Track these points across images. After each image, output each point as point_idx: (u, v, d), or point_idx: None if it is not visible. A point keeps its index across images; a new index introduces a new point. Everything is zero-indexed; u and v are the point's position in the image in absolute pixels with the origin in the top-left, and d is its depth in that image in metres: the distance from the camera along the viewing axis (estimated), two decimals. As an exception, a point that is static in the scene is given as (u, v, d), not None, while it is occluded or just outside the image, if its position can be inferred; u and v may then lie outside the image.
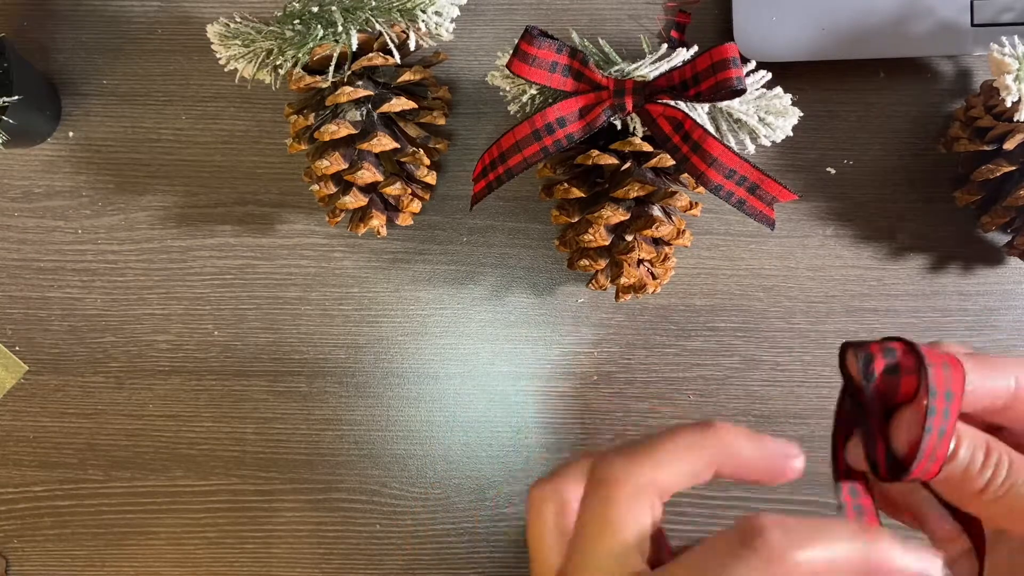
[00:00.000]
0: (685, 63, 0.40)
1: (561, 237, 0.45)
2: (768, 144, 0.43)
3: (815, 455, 0.27)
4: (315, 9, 0.41)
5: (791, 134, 0.42)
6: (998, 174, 0.43)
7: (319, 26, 0.41)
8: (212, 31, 0.43)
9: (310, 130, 0.43)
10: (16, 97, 0.45)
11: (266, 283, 0.50)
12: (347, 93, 0.41)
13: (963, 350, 0.25)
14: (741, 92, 0.38)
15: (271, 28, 0.42)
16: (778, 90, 0.42)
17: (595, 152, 0.42)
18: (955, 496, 0.25)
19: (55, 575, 0.51)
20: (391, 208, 0.46)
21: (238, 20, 0.43)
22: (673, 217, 0.44)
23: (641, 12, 0.49)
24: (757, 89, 0.42)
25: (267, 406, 0.50)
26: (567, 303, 0.50)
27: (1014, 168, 0.42)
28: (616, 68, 0.42)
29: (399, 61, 0.42)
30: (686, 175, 0.44)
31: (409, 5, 0.40)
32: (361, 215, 0.45)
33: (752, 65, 0.42)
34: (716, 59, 0.38)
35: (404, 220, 0.46)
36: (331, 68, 0.41)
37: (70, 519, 0.51)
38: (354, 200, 0.44)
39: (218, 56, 0.43)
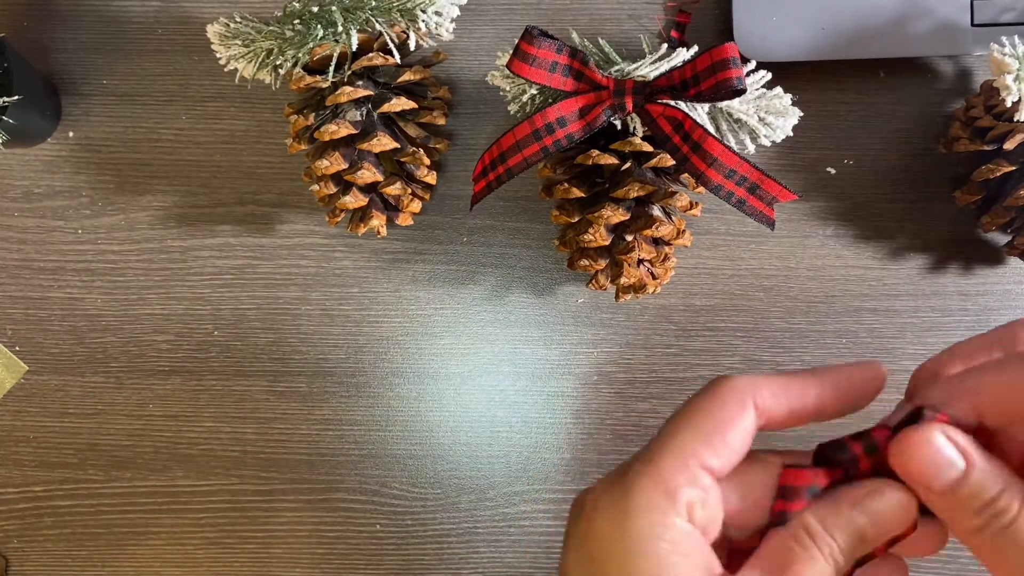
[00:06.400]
0: (685, 63, 0.40)
1: (561, 237, 0.45)
2: (768, 144, 0.43)
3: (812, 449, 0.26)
4: (315, 9, 0.41)
5: (791, 134, 0.42)
6: (998, 174, 0.43)
7: (319, 26, 0.41)
8: (212, 31, 0.43)
9: (310, 130, 0.43)
10: (16, 97, 0.45)
11: (266, 283, 0.50)
12: (347, 93, 0.41)
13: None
14: (741, 92, 0.38)
15: (271, 28, 0.42)
16: (778, 90, 0.42)
17: (595, 152, 0.42)
18: (948, 516, 0.24)
19: (55, 575, 0.51)
20: (391, 208, 0.46)
21: (238, 20, 0.43)
22: (673, 217, 0.44)
23: (641, 12, 0.49)
24: (757, 89, 0.42)
25: (267, 406, 0.50)
26: (567, 303, 0.50)
27: (1014, 168, 0.42)
28: (616, 68, 0.42)
29: (399, 61, 0.42)
30: (686, 175, 0.44)
31: (409, 5, 0.40)
32: (361, 215, 0.45)
33: (752, 65, 0.42)
34: (716, 59, 0.38)
35: (404, 220, 0.46)
36: (331, 68, 0.41)
37: (70, 519, 0.51)
38: (354, 200, 0.44)
39: (218, 56, 0.43)
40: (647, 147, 0.42)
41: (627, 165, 0.42)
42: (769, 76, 0.42)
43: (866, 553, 0.24)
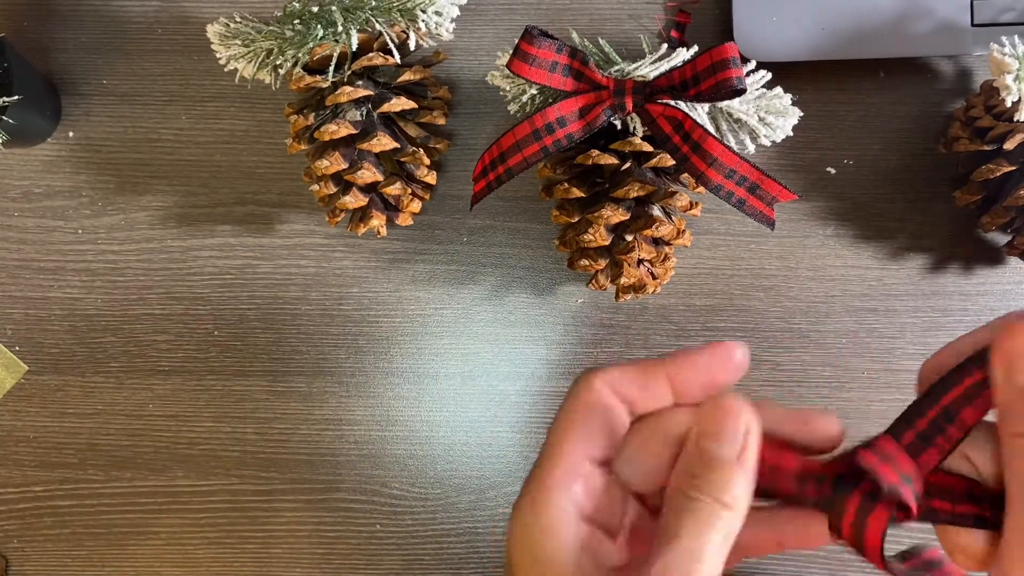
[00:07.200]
0: (685, 63, 0.40)
1: (561, 237, 0.45)
2: (768, 144, 0.43)
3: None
4: (315, 9, 0.41)
5: (791, 134, 0.42)
6: (998, 174, 0.43)
7: (319, 26, 0.41)
8: (212, 31, 0.43)
9: (310, 130, 0.43)
10: (16, 97, 0.45)
11: (266, 283, 0.50)
12: (347, 93, 0.41)
13: None
14: (741, 92, 0.38)
15: (271, 28, 0.42)
16: (778, 90, 0.42)
17: (595, 152, 0.42)
18: (1007, 411, 0.23)
19: (55, 575, 0.51)
20: (391, 208, 0.46)
21: (238, 20, 0.43)
22: (673, 217, 0.44)
23: (641, 12, 0.49)
24: (757, 89, 0.42)
25: (267, 406, 0.50)
26: (567, 303, 0.50)
27: (1014, 168, 0.42)
28: (616, 68, 0.42)
29: (399, 61, 0.42)
30: (686, 175, 0.44)
31: (409, 5, 0.40)
32: (361, 215, 0.45)
33: (752, 65, 0.42)
34: (716, 59, 0.38)
35: (404, 220, 0.46)
36: (331, 68, 0.41)
37: (70, 519, 0.51)
38: (354, 200, 0.44)
39: (218, 56, 0.43)
40: (647, 147, 0.42)
41: (627, 165, 0.42)
42: (769, 76, 0.42)
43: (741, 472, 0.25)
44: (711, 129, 0.42)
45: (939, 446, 0.25)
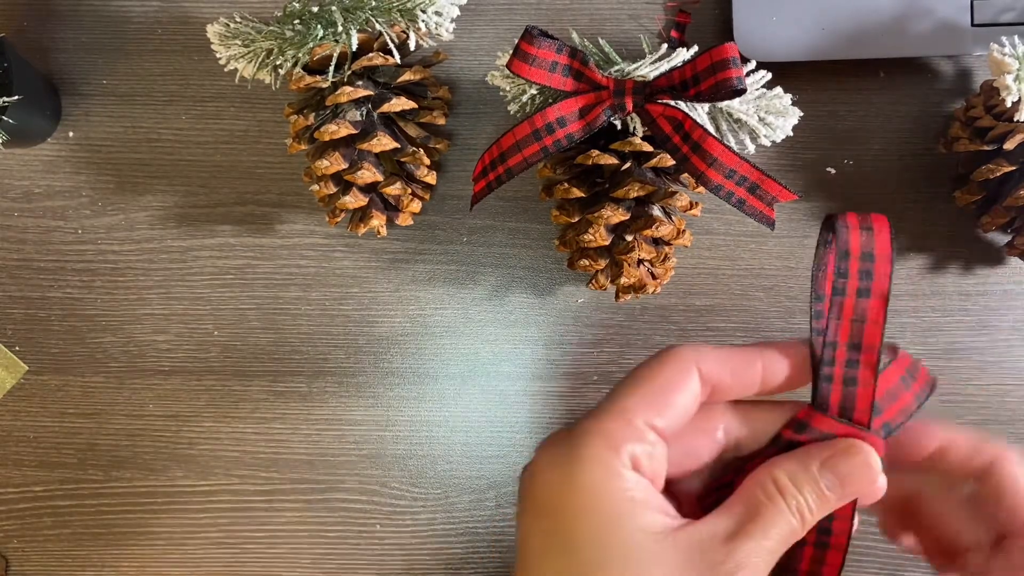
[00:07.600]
0: (685, 63, 0.40)
1: (561, 237, 0.45)
2: (768, 144, 0.43)
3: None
4: (315, 9, 0.41)
5: (791, 134, 0.42)
6: (998, 174, 0.43)
7: (319, 26, 0.41)
8: (212, 31, 0.43)
9: (310, 130, 0.43)
10: (16, 97, 0.45)
11: (266, 283, 0.50)
12: (347, 93, 0.41)
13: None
14: (741, 92, 0.38)
15: (271, 28, 0.42)
16: (778, 90, 0.42)
17: (595, 152, 0.42)
18: None
19: (55, 575, 0.51)
20: (391, 208, 0.46)
21: (238, 20, 0.43)
22: (673, 217, 0.44)
23: (641, 12, 0.49)
24: (757, 89, 0.42)
25: (267, 406, 0.50)
26: (567, 303, 0.50)
27: (1014, 168, 0.42)
28: (616, 68, 0.42)
29: (399, 61, 0.42)
30: (686, 175, 0.44)
31: (409, 5, 0.40)
32: (361, 215, 0.45)
33: (752, 65, 0.42)
34: (716, 59, 0.38)
35: (404, 220, 0.46)
36: (331, 68, 0.41)
37: (70, 519, 0.51)
38: (354, 200, 0.44)
39: (218, 56, 0.43)
40: (647, 147, 0.42)
41: (627, 165, 0.42)
42: (769, 76, 0.42)
43: (832, 511, 0.25)
44: (711, 129, 0.42)
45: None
